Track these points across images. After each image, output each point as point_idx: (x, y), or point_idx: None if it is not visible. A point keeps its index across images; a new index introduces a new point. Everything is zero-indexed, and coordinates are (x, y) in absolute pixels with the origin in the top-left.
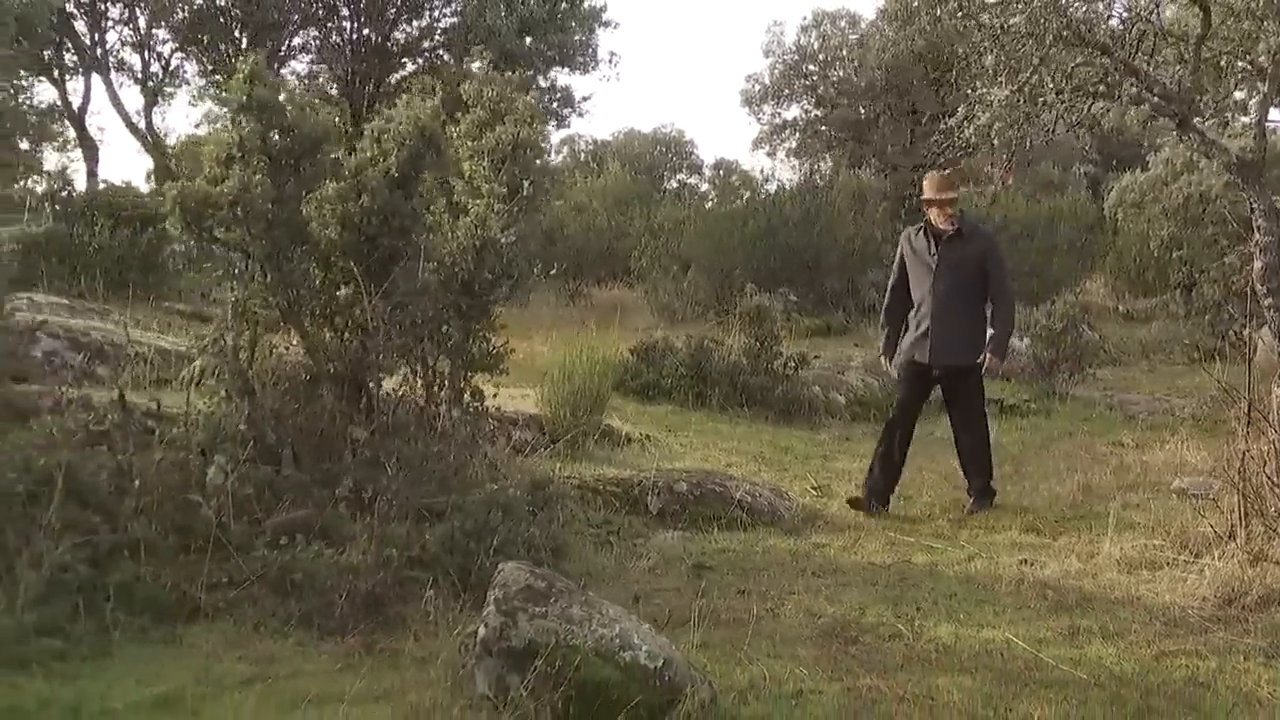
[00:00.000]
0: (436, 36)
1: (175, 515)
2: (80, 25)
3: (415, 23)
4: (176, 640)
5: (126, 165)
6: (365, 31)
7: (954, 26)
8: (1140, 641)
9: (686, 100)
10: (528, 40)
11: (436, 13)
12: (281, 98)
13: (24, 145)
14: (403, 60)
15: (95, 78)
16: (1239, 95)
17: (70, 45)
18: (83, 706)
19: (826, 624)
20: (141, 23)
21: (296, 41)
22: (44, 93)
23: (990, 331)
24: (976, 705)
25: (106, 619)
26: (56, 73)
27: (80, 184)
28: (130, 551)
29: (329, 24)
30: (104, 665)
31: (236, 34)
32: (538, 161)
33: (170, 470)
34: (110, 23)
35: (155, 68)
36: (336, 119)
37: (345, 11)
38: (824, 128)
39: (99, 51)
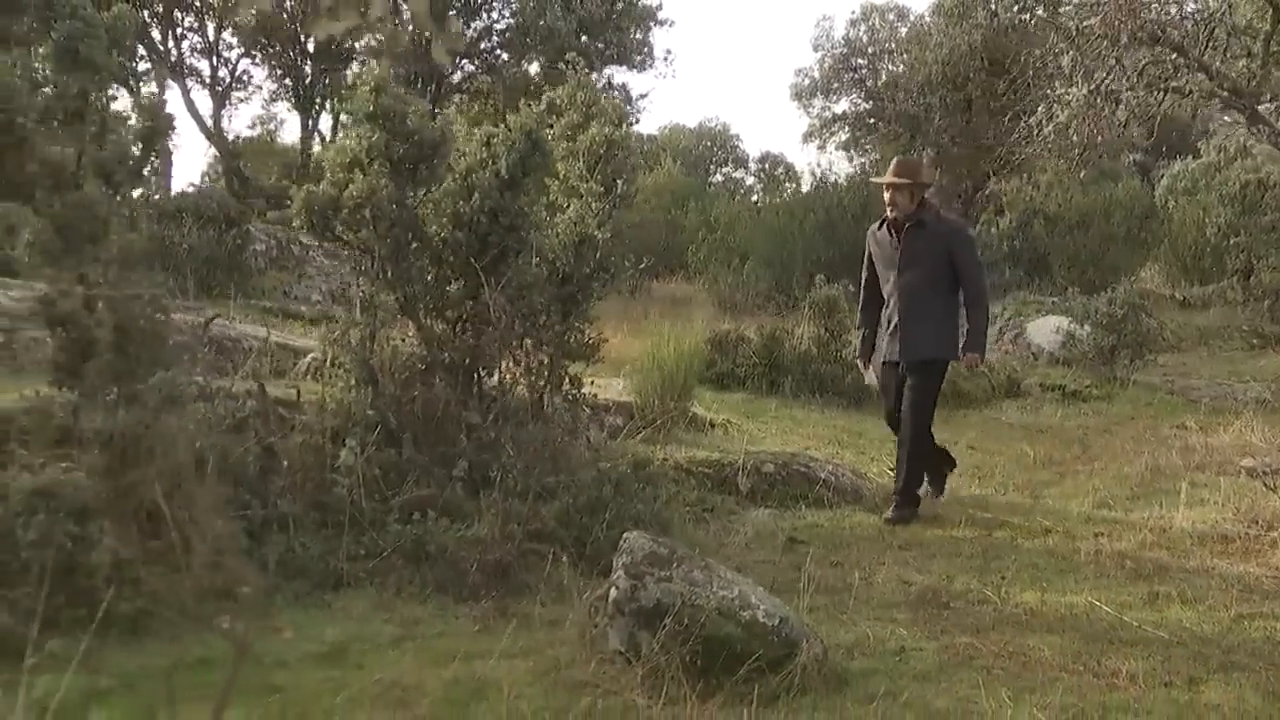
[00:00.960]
0: (494, 37)
1: (314, 494)
2: (154, 33)
3: (474, 24)
4: (327, 605)
5: (191, 168)
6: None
7: (1009, 22)
8: (1218, 605)
9: (730, 94)
10: (583, 39)
11: (495, 13)
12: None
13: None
14: (461, 61)
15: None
16: None
17: (145, 53)
18: (260, 659)
19: (919, 591)
20: (210, 30)
21: (359, 44)
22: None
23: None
24: (1067, 660)
25: (269, 585)
26: (131, 80)
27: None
28: (279, 526)
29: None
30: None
31: (302, 39)
32: (628, 161)
33: (307, 452)
34: (181, 30)
35: (223, 73)
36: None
37: (407, 14)
38: (871, 120)
39: (173, 58)
